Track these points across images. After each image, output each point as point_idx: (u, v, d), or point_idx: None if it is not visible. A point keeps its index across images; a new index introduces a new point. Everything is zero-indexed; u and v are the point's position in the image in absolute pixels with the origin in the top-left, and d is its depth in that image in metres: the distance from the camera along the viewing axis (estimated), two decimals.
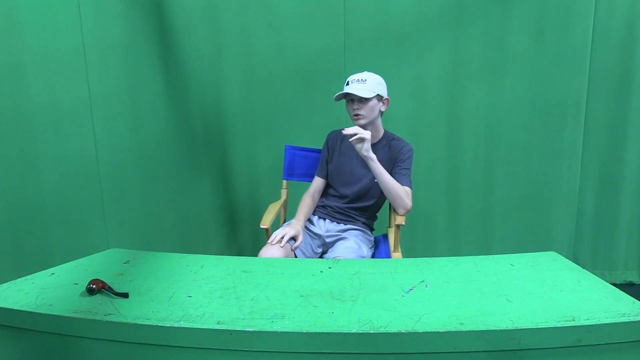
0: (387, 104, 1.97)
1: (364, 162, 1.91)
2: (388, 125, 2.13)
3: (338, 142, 2.07)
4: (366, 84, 1.88)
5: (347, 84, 1.92)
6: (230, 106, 2.67)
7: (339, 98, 1.93)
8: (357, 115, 1.90)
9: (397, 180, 1.89)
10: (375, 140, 1.99)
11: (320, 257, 2.01)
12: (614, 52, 2.54)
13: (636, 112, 2.59)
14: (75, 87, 2.40)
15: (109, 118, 2.49)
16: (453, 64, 2.59)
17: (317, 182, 2.11)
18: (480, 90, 2.61)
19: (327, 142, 2.12)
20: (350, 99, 1.91)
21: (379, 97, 1.92)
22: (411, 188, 1.92)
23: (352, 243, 1.90)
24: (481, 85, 2.60)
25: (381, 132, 2.01)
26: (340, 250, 1.86)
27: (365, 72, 1.95)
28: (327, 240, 2.00)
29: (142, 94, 2.54)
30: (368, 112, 1.89)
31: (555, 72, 2.57)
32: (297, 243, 1.87)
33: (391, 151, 1.97)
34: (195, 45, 2.57)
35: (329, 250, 1.97)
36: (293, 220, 1.96)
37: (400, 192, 1.86)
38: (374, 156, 1.85)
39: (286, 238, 1.83)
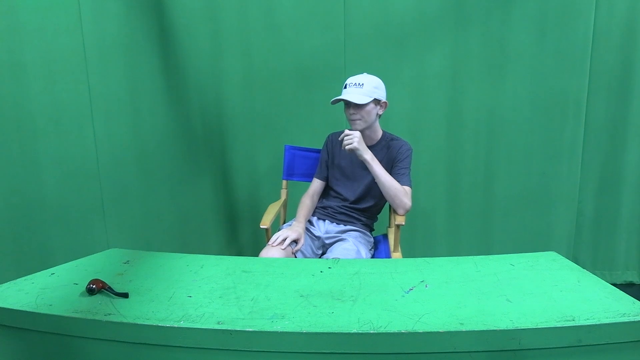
0: (385, 107, 1.96)
1: (361, 165, 1.91)
2: (388, 125, 2.14)
3: (338, 145, 2.06)
4: (363, 88, 1.87)
5: (345, 87, 1.91)
6: (230, 106, 2.67)
7: (335, 102, 1.93)
8: (353, 120, 1.90)
9: (396, 180, 1.89)
10: (374, 142, 1.99)
11: (320, 258, 2.01)
12: (614, 52, 2.54)
13: (636, 112, 2.59)
14: (75, 87, 2.40)
15: (109, 118, 2.49)
16: (453, 64, 2.59)
17: (316, 184, 2.11)
18: (480, 90, 2.61)
19: (326, 144, 2.12)
20: (347, 103, 1.91)
21: (376, 101, 1.91)
22: (411, 187, 1.92)
23: (351, 245, 1.89)
24: (481, 85, 2.60)
25: (379, 134, 2.01)
26: (338, 252, 1.86)
27: (365, 74, 1.93)
28: (327, 241, 2.00)
29: (142, 94, 2.54)
30: (365, 116, 1.89)
31: (555, 71, 2.57)
32: (299, 246, 1.86)
33: (390, 151, 1.97)
34: (195, 45, 2.57)
35: (328, 251, 1.97)
36: (294, 223, 1.96)
37: (399, 191, 1.86)
38: (369, 156, 1.85)
39: (288, 241, 1.83)
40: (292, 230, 1.87)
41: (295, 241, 1.87)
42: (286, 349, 1.05)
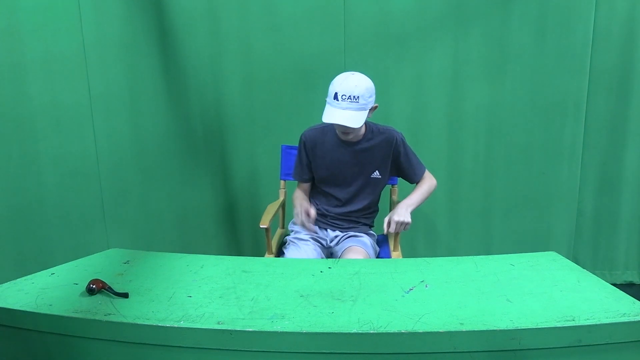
0: (375, 109, 1.86)
1: (352, 162, 1.90)
2: (388, 125, 2.12)
3: (318, 144, 1.94)
4: (359, 102, 1.71)
5: (336, 97, 1.72)
6: (230, 106, 2.67)
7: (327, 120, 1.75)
8: (346, 133, 1.83)
9: (413, 172, 1.94)
10: (360, 137, 1.90)
11: (331, 254, 2.02)
12: (614, 52, 2.54)
13: (636, 112, 2.59)
14: (75, 87, 2.40)
15: (109, 118, 2.49)
16: (453, 64, 2.58)
17: (305, 187, 2.05)
18: (480, 90, 2.61)
19: (303, 144, 1.96)
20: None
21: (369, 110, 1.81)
22: (425, 168, 1.98)
23: (365, 238, 1.95)
24: (481, 85, 2.60)
25: (363, 128, 1.90)
26: (353, 241, 1.90)
27: (356, 77, 1.76)
28: (333, 244, 2.01)
29: (142, 94, 2.54)
30: (358, 131, 1.84)
31: (555, 72, 2.56)
32: (313, 214, 1.83)
33: (383, 146, 1.90)
34: (195, 45, 2.56)
35: (341, 246, 1.97)
36: (296, 202, 1.92)
37: (431, 187, 1.94)
38: (414, 204, 1.86)
39: (312, 212, 1.81)
40: (300, 204, 1.85)
41: (308, 213, 1.83)
42: (286, 349, 1.05)
